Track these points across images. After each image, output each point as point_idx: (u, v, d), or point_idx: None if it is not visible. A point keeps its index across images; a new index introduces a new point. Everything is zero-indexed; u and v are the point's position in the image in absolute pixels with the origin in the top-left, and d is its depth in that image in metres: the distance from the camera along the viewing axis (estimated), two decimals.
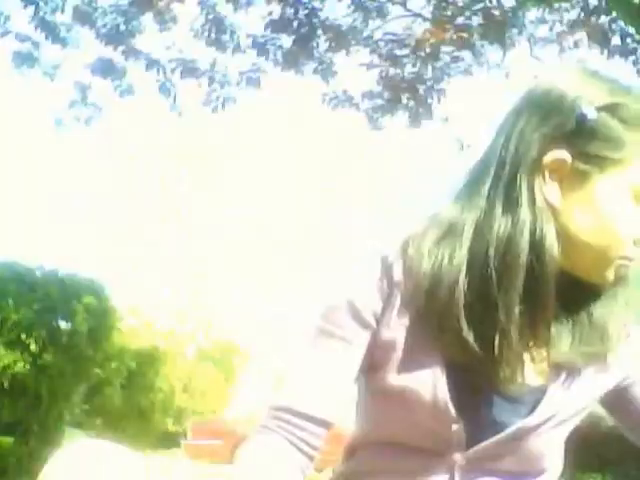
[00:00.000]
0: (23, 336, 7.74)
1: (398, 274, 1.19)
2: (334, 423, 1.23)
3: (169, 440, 18.07)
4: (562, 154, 1.14)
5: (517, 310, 1.13)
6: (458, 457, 1.20)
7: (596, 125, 1.13)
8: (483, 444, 1.19)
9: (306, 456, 1.23)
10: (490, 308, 1.14)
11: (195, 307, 30.27)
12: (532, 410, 1.19)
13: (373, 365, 1.22)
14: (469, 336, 1.14)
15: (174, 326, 28.92)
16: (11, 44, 8.10)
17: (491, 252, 1.14)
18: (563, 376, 1.20)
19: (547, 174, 1.15)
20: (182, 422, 20.33)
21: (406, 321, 1.19)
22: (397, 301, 1.20)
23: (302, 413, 1.21)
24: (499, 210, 1.15)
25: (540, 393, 1.20)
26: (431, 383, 1.18)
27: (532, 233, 1.13)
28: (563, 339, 1.19)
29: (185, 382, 22.78)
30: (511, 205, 1.15)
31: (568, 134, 1.14)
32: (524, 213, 1.14)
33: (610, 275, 1.18)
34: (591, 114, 1.13)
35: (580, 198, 1.15)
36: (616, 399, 1.29)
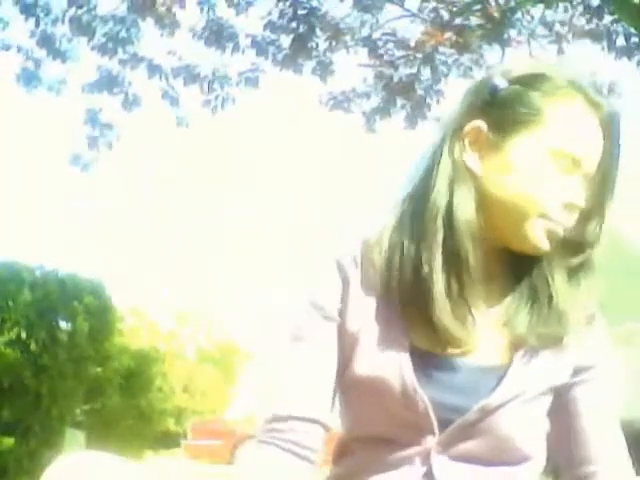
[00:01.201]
0: (23, 336, 7.73)
1: (356, 267, 1.26)
2: (324, 421, 1.25)
3: (169, 440, 18.06)
4: (478, 123, 1.22)
5: (439, 263, 1.19)
6: (432, 443, 1.21)
7: (509, 94, 1.22)
8: (452, 426, 1.20)
9: (304, 459, 1.24)
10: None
11: (195, 307, 30.26)
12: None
13: (344, 361, 1.25)
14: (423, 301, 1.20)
15: (174, 326, 28.91)
16: (15, 60, 8.07)
17: (419, 213, 1.23)
18: (523, 355, 1.22)
19: (467, 142, 1.22)
20: (182, 422, 20.34)
21: (369, 311, 1.24)
22: (358, 293, 1.25)
23: (289, 416, 1.23)
24: (430, 180, 1.23)
25: (503, 373, 1.22)
26: (398, 368, 1.20)
27: (449, 194, 1.21)
28: (521, 319, 1.22)
29: (185, 382, 22.78)
30: (436, 171, 1.23)
31: (484, 105, 1.23)
32: (442, 174, 1.22)
33: (540, 242, 1.20)
34: (502, 84, 1.22)
35: (497, 162, 1.21)
36: (556, 398, 1.28)
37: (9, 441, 7.50)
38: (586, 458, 1.26)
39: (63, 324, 8.31)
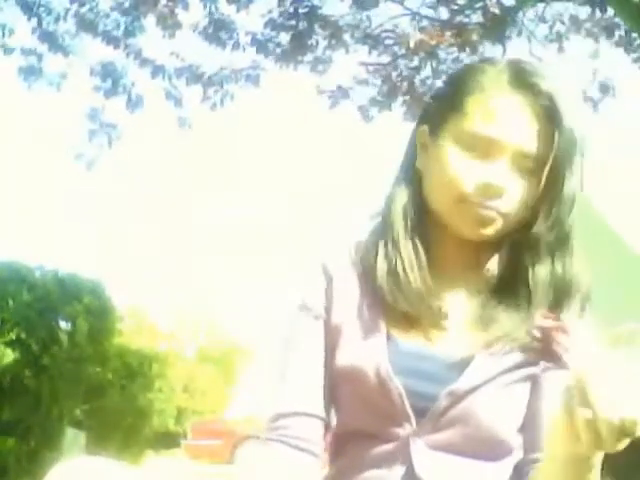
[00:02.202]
0: (23, 336, 7.73)
1: (341, 265, 1.33)
2: (323, 416, 1.29)
3: (169, 440, 18.08)
4: (422, 127, 1.32)
5: (382, 250, 1.29)
6: (410, 433, 1.22)
7: (439, 94, 1.33)
8: (427, 415, 1.21)
9: (310, 454, 1.27)
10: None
11: (195, 307, 30.27)
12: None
13: (331, 354, 1.30)
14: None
15: (175, 326, 28.92)
16: (17, 58, 8.06)
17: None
18: (495, 346, 1.23)
19: (419, 147, 1.32)
20: (182, 422, 20.33)
21: (352, 305, 1.30)
22: (342, 289, 1.31)
23: (292, 413, 1.27)
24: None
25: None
26: (373, 357, 1.24)
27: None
28: (497, 320, 1.24)
29: (185, 382, 22.78)
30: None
31: (428, 108, 1.34)
32: (395, 178, 1.33)
33: (470, 226, 1.24)
34: (436, 86, 1.27)
35: (432, 158, 1.28)
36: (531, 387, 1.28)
37: (9, 441, 7.51)
38: (535, 444, 1.23)
39: (63, 324, 8.31)
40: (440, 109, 1.29)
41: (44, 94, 8.22)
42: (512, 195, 1.22)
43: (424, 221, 1.29)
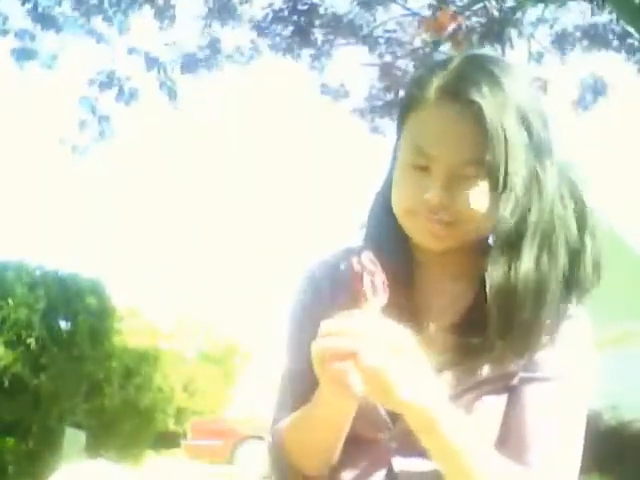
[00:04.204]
0: (23, 336, 7.73)
1: (332, 270, 1.34)
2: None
3: (169, 440, 18.05)
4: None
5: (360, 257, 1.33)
6: (388, 438, 1.24)
7: (401, 105, 1.30)
8: (399, 423, 1.21)
9: None
10: None
11: (196, 307, 30.26)
12: None
13: None
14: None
15: (175, 326, 28.91)
16: (11, 42, 8.06)
17: None
18: (471, 358, 1.22)
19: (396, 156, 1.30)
20: (182, 422, 20.30)
21: (335, 312, 1.28)
22: (331, 296, 1.31)
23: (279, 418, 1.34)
24: None
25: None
26: None
27: None
28: (475, 335, 1.22)
29: (185, 382, 22.76)
30: None
31: (398, 119, 1.31)
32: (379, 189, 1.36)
33: (428, 239, 1.23)
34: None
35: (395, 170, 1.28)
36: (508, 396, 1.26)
37: (9, 441, 7.51)
38: (517, 455, 1.20)
39: (63, 324, 8.31)
40: (399, 119, 1.28)
41: (43, 94, 8.23)
42: (459, 204, 1.19)
43: (402, 233, 1.27)
